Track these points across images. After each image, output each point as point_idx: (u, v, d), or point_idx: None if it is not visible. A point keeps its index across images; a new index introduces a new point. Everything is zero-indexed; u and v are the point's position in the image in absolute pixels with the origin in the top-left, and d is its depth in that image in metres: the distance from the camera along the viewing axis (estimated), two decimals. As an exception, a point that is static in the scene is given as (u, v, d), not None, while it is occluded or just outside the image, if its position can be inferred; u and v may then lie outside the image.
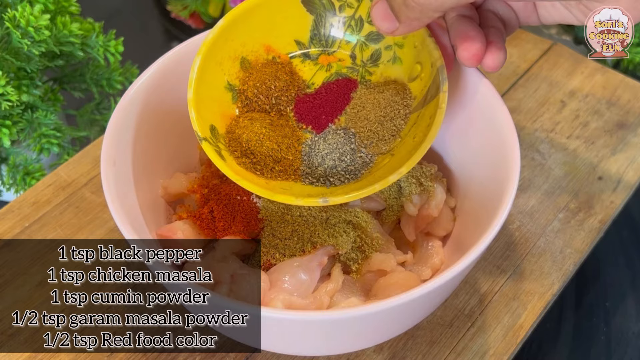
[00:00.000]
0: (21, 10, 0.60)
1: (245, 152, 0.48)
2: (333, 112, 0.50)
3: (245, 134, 0.48)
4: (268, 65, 0.51)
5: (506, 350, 0.50)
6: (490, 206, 0.45)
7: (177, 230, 0.48)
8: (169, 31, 0.97)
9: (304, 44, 0.52)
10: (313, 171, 0.48)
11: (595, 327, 0.62)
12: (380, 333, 0.47)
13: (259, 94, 0.50)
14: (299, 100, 0.51)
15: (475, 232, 0.45)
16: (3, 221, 0.58)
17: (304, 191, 0.47)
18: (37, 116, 0.66)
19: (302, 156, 0.49)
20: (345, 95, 0.51)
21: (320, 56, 0.52)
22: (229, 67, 0.50)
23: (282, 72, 0.51)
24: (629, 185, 0.60)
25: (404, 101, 0.49)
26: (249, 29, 0.50)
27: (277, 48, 0.52)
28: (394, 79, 0.51)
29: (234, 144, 0.48)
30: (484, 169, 0.50)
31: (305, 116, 0.50)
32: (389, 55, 0.51)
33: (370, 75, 0.52)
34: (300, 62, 0.52)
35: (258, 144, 0.48)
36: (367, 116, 0.49)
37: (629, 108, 0.66)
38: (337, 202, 0.45)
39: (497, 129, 0.48)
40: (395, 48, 0.51)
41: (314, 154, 0.49)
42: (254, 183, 0.46)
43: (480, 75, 0.50)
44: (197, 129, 0.47)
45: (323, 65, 0.52)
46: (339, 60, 0.52)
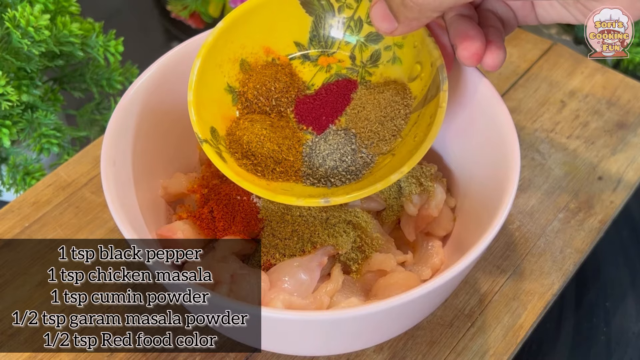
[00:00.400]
0: (21, 10, 0.60)
1: (246, 154, 0.48)
2: (333, 113, 0.51)
3: (246, 135, 0.48)
4: (268, 67, 0.51)
5: (506, 350, 0.50)
6: (490, 206, 0.45)
7: (177, 230, 0.48)
8: (169, 31, 0.97)
9: (304, 46, 0.52)
10: (314, 172, 0.48)
11: (595, 327, 0.62)
12: (380, 333, 0.47)
13: (259, 96, 0.50)
14: (299, 102, 0.51)
15: (475, 232, 0.45)
16: (3, 221, 0.58)
17: (305, 192, 0.47)
18: (37, 116, 0.66)
19: (303, 157, 0.49)
20: (346, 96, 0.51)
21: (319, 57, 0.52)
22: (228, 69, 0.51)
23: (282, 74, 0.51)
24: (629, 185, 0.60)
25: (404, 101, 0.49)
26: (249, 31, 0.50)
27: (277, 50, 0.52)
28: (394, 79, 0.51)
29: (235, 146, 0.48)
30: (484, 169, 0.50)
31: (305, 117, 0.50)
32: (389, 56, 0.51)
33: (370, 76, 0.52)
34: (299, 63, 0.52)
35: (259, 145, 0.48)
36: (368, 116, 0.49)
37: (629, 108, 0.66)
38: (339, 202, 0.45)
39: (497, 129, 0.48)
40: (394, 48, 0.51)
41: (315, 154, 0.49)
42: (255, 184, 0.46)
43: (480, 75, 0.50)
44: (197, 131, 0.47)
45: (323, 67, 0.52)
46: (338, 61, 0.52)
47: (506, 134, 0.47)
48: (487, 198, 0.47)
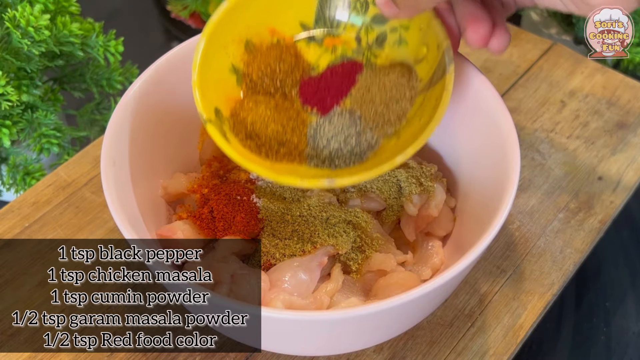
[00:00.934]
0: (21, 10, 0.60)
1: (250, 135, 0.48)
2: (338, 94, 0.50)
3: (250, 116, 0.48)
4: (273, 48, 0.51)
5: (506, 350, 0.50)
6: (490, 206, 0.45)
7: (177, 230, 0.48)
8: (169, 31, 0.97)
9: (309, 27, 0.51)
10: (318, 154, 0.48)
11: (595, 327, 0.62)
12: (380, 333, 0.47)
13: (264, 77, 0.50)
14: (303, 83, 0.51)
15: (475, 232, 0.45)
16: (3, 221, 0.58)
17: (309, 173, 0.47)
18: (37, 116, 0.66)
19: (307, 139, 0.49)
20: (351, 77, 0.50)
21: (325, 39, 0.51)
22: (233, 50, 0.50)
23: (286, 55, 0.51)
24: (629, 185, 0.60)
25: (409, 83, 0.48)
26: (254, 11, 0.50)
27: (282, 31, 0.51)
28: (400, 62, 0.50)
29: (239, 127, 0.48)
30: (484, 169, 0.50)
31: (310, 98, 0.50)
32: (395, 38, 0.50)
33: (375, 58, 0.51)
34: (305, 44, 0.52)
35: (263, 126, 0.48)
36: (373, 98, 0.49)
37: (629, 108, 0.66)
38: (343, 184, 0.45)
39: (497, 129, 0.48)
40: (400, 30, 0.50)
41: (319, 136, 0.48)
42: (259, 165, 0.46)
43: (481, 75, 0.50)
44: (201, 110, 0.46)
45: (328, 48, 0.52)
46: (344, 43, 0.52)
47: (506, 134, 0.47)
48: (487, 198, 0.47)
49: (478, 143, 0.51)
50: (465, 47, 0.47)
